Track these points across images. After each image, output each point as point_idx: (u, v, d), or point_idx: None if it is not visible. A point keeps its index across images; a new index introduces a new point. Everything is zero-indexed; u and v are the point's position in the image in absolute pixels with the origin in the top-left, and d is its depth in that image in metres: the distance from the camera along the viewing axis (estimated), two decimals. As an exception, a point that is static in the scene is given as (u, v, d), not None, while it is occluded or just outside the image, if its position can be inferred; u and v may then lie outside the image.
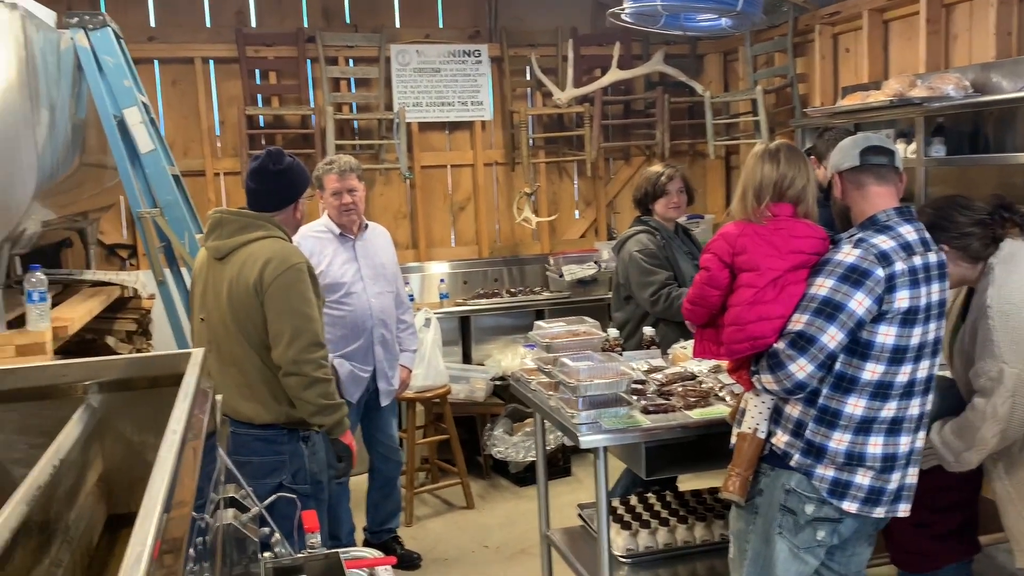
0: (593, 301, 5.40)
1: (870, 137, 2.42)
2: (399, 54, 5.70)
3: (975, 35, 4.12)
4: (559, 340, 3.00)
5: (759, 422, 2.40)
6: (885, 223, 2.30)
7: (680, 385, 2.93)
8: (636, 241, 3.66)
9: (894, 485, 2.32)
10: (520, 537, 4.24)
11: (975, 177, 4.07)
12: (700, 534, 3.13)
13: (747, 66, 5.70)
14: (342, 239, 3.68)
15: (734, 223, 2.44)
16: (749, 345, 2.31)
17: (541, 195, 6.06)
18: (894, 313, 2.21)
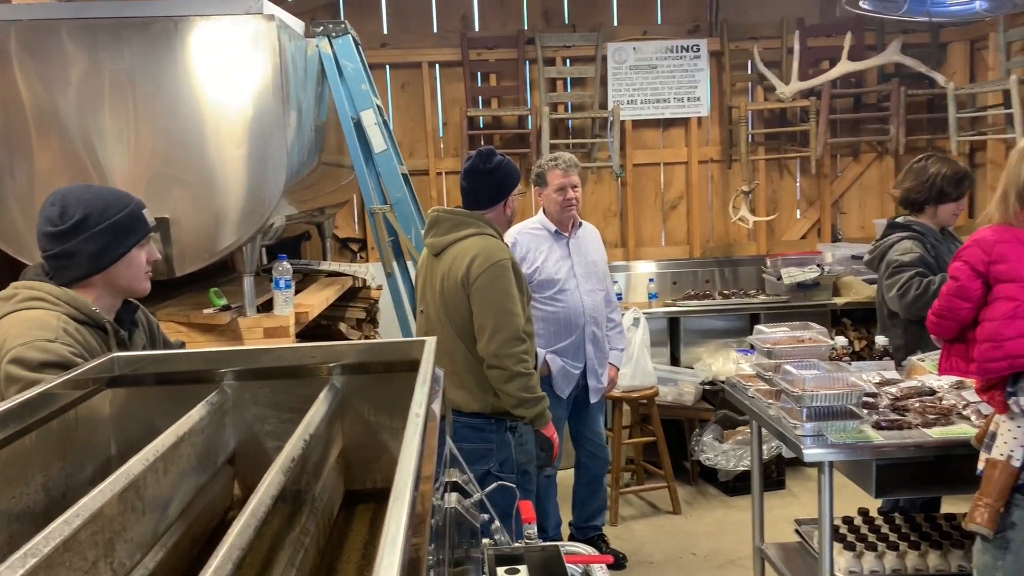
0: (814, 307, 5.11)
1: None
2: (615, 52, 5.69)
3: None
4: (782, 346, 2.85)
5: (1013, 448, 2.16)
6: None
7: (917, 401, 2.70)
8: (896, 249, 3.25)
9: None
10: (729, 548, 4.10)
11: None
12: (934, 563, 2.87)
13: (999, 54, 5.16)
14: (556, 236, 3.72)
15: (991, 228, 2.21)
16: (1008, 364, 2.09)
17: (759, 193, 5.83)
18: None
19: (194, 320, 3.17)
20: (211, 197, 3.10)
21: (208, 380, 1.65)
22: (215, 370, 1.64)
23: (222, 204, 3.11)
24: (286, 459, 1.22)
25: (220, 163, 3.09)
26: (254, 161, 3.09)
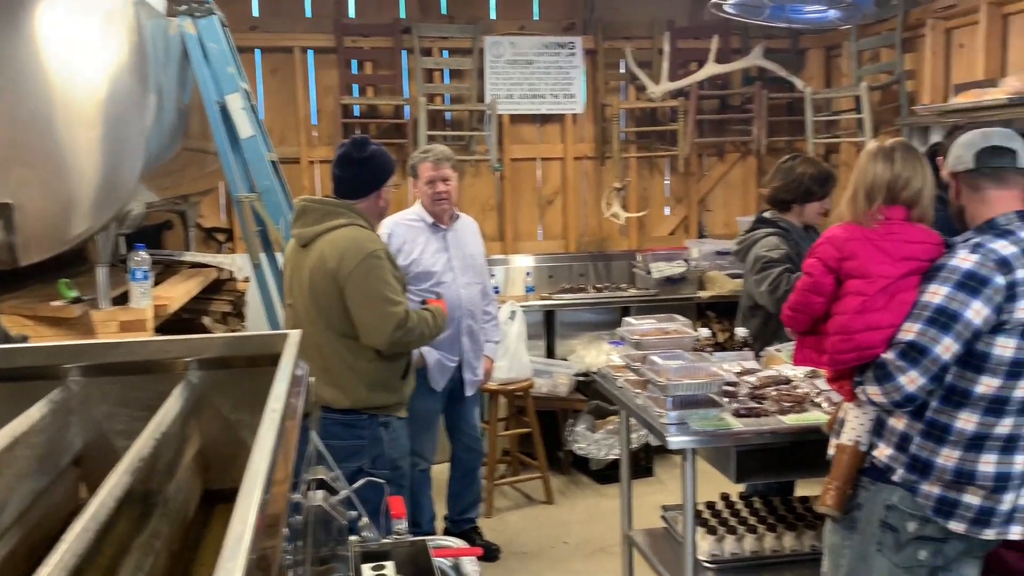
0: (681, 300, 5.30)
1: (989, 136, 2.24)
2: (493, 46, 5.70)
3: (1107, 30, 3.86)
4: (649, 338, 2.93)
5: (860, 434, 2.29)
6: (1005, 227, 2.16)
7: (774, 389, 2.83)
8: (763, 244, 3.37)
9: (1007, 506, 2.18)
10: (600, 535, 4.19)
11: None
12: (789, 543, 3.02)
13: (851, 61, 5.49)
14: (433, 228, 3.70)
15: (842, 226, 2.32)
16: (856, 356, 2.20)
17: (631, 190, 5.98)
18: (1015, 324, 2.07)
19: (41, 313, 2.96)
20: (60, 182, 2.90)
21: (51, 376, 1.53)
22: (59, 365, 1.53)
23: (73, 189, 2.91)
24: (133, 459, 1.15)
25: (70, 146, 2.89)
26: (109, 144, 2.91)
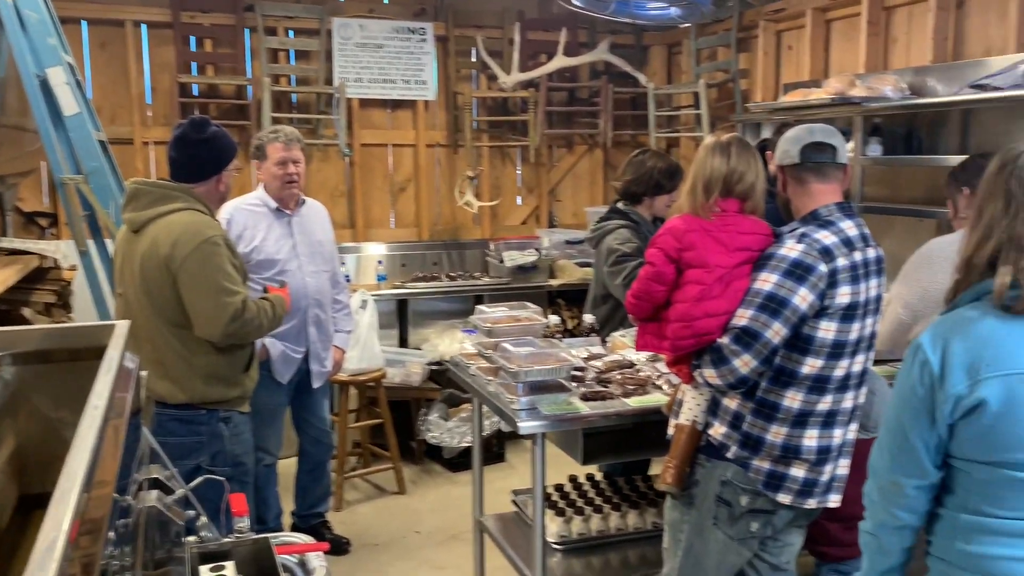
0: (533, 288, 5.38)
1: (814, 132, 2.38)
2: (341, 27, 5.56)
3: (913, 38, 4.21)
4: (500, 325, 2.95)
5: (697, 414, 2.40)
6: (827, 218, 2.31)
7: (619, 373, 2.92)
8: (616, 236, 3.47)
9: (827, 477, 2.35)
10: (452, 523, 4.20)
11: (908, 177, 4.17)
12: (633, 522, 3.15)
13: (691, 59, 5.74)
14: (278, 214, 3.56)
15: (681, 217, 2.41)
16: (695, 342, 2.30)
17: (483, 179, 6.01)
18: (835, 309, 2.23)
19: None
20: None
21: None
22: None
23: None
24: (-68, 465, 1.04)
25: None
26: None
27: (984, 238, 1.56)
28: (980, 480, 1.55)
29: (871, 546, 1.72)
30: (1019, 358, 1.49)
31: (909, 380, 1.59)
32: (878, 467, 1.68)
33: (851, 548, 2.66)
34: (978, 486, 1.55)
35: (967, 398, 1.51)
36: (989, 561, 1.54)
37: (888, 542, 1.67)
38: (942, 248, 2.53)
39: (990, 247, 1.55)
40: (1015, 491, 1.52)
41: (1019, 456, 1.50)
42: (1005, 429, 1.49)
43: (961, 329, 1.54)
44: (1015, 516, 1.52)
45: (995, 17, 3.75)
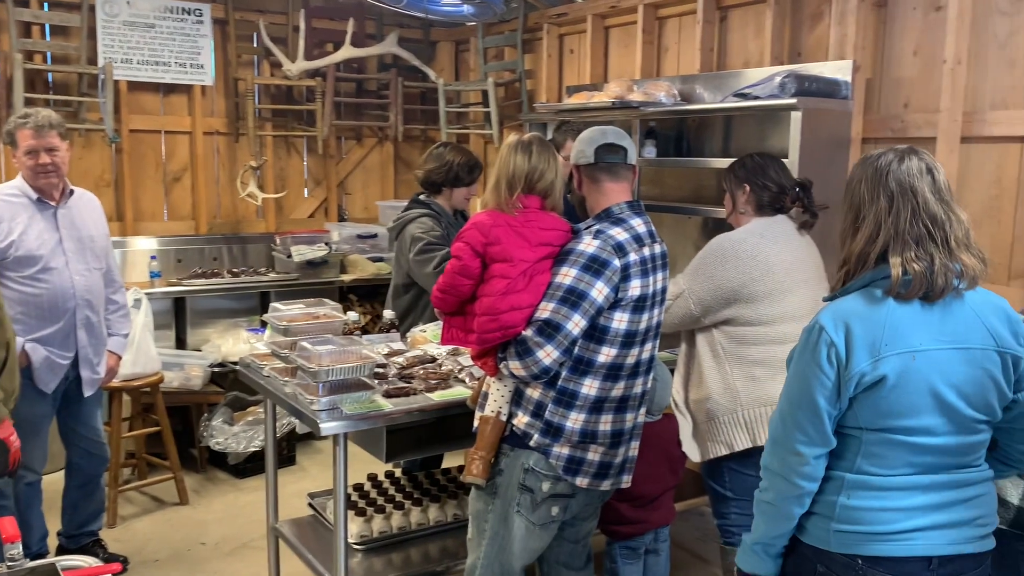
0: (323, 284, 5.25)
1: (607, 133, 2.51)
2: (106, 3, 5.10)
3: (683, 48, 4.54)
4: (297, 323, 2.85)
5: (502, 405, 2.45)
6: (619, 216, 2.44)
7: (421, 368, 2.92)
8: (420, 224, 3.46)
9: (620, 459, 2.49)
10: (242, 531, 4.01)
11: (676, 177, 4.49)
12: (434, 516, 3.16)
13: (478, 57, 5.83)
14: (41, 205, 3.21)
15: (487, 212, 2.45)
16: (501, 334, 2.34)
17: (268, 170, 5.76)
18: (628, 300, 2.36)
19: None
20: None
21: None
22: None
23: None
24: None
25: None
26: None
27: (873, 234, 1.74)
28: (868, 444, 1.73)
29: (769, 514, 1.83)
30: (909, 337, 1.68)
31: (816, 359, 1.72)
32: (782, 440, 1.79)
33: (640, 525, 2.85)
34: (865, 450, 1.73)
35: (870, 375, 1.68)
36: (867, 512, 1.72)
37: (788, 510, 1.79)
38: (735, 247, 2.73)
39: (880, 242, 1.73)
40: (895, 452, 1.71)
41: (904, 423, 1.69)
42: (896, 399, 1.68)
43: (859, 314, 1.71)
44: (892, 473, 1.72)
45: (752, 32, 4.13)
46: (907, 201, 1.71)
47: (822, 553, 1.76)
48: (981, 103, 3.21)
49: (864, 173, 1.77)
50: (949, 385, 1.69)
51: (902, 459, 1.71)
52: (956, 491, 1.74)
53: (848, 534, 1.73)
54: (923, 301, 1.70)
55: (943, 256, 1.69)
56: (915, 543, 1.70)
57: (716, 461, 2.79)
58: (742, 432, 2.69)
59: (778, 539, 1.83)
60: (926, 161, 1.75)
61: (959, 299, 1.72)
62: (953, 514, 1.73)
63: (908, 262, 1.68)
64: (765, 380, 2.67)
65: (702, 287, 2.72)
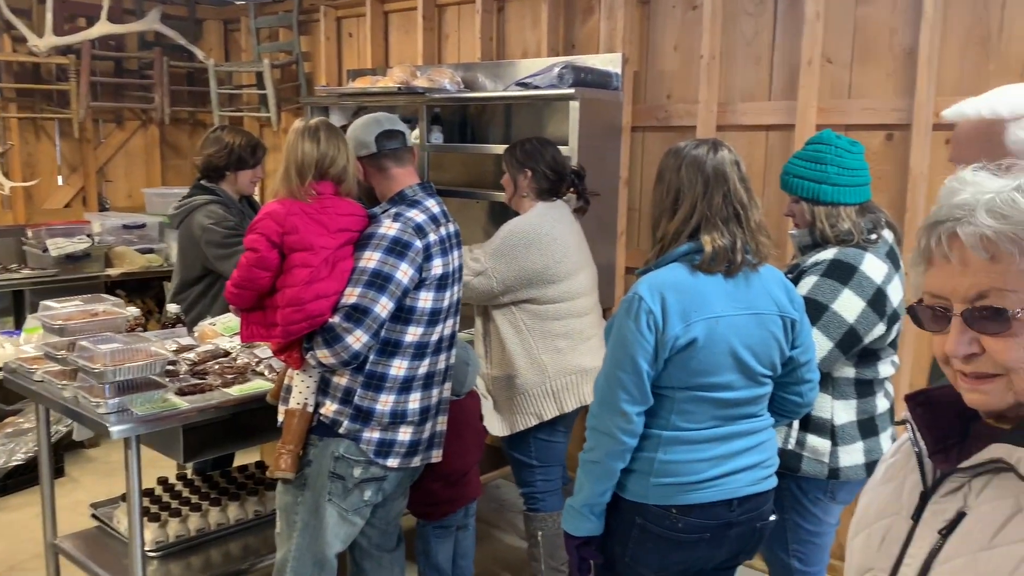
0: (87, 279, 4.82)
1: (381, 121, 2.53)
2: None
3: (463, 36, 4.64)
4: (75, 322, 2.63)
5: (307, 396, 2.42)
6: (414, 198, 2.48)
7: (215, 363, 2.80)
8: (208, 213, 3.29)
9: (428, 434, 2.55)
10: (8, 554, 3.63)
11: (461, 163, 4.60)
12: (234, 514, 3.06)
13: (251, 37, 5.60)
14: None
15: (280, 201, 2.39)
16: (308, 324, 2.30)
17: (13, 156, 5.19)
18: (431, 280, 2.42)
19: None
20: None
21: None
22: None
23: None
24: None
25: None
26: None
27: (689, 214, 1.93)
28: (679, 402, 1.90)
29: (595, 472, 1.94)
30: (714, 305, 1.88)
31: (638, 327, 1.86)
32: (609, 401, 1.91)
33: (452, 503, 2.93)
34: (677, 407, 1.91)
35: (682, 338, 1.86)
36: (680, 465, 1.91)
37: (613, 466, 1.92)
38: (536, 232, 2.87)
39: (694, 221, 1.93)
40: (702, 407, 1.91)
41: (710, 380, 1.89)
42: (703, 359, 1.87)
43: (672, 284, 1.89)
44: (700, 427, 1.92)
45: (529, 23, 4.31)
46: (720, 186, 1.93)
47: (640, 507, 1.93)
48: (733, 95, 3.58)
49: (682, 160, 1.98)
50: (744, 345, 1.91)
51: (708, 413, 1.92)
52: (748, 438, 1.98)
53: (665, 486, 1.91)
54: (725, 274, 1.92)
55: (744, 236, 1.94)
56: (720, 488, 1.92)
57: (523, 432, 2.93)
58: (550, 402, 2.84)
59: (602, 497, 1.95)
60: (734, 154, 1.99)
61: (754, 272, 1.97)
62: (747, 459, 1.97)
63: (715, 240, 1.91)
64: (568, 351, 2.85)
65: (507, 268, 2.84)
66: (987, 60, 2.92)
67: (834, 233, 2.21)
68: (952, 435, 1.06)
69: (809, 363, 2.07)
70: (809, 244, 2.28)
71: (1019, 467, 0.93)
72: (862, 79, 3.21)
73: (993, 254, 0.93)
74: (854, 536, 1.16)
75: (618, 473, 1.94)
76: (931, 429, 1.06)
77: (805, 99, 3.28)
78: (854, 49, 3.23)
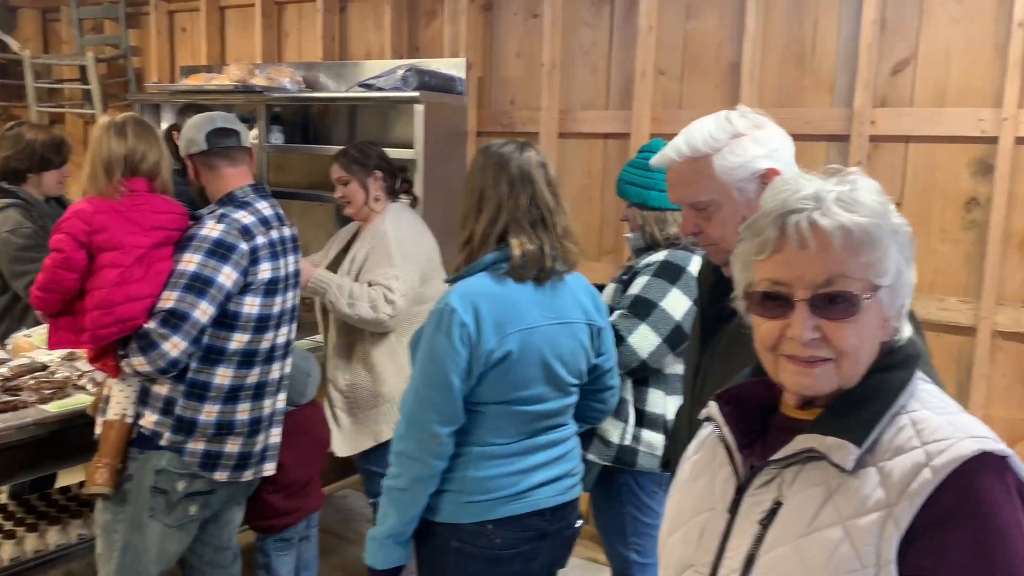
0: None
1: (215, 119, 2.45)
2: None
3: (304, 35, 4.53)
4: None
5: (126, 407, 2.29)
6: (243, 199, 2.40)
7: (31, 378, 2.60)
8: (6, 219, 3.02)
9: (260, 447, 2.46)
10: None
11: (304, 164, 4.48)
12: (55, 539, 2.84)
13: (72, 29, 5.24)
14: None
15: (87, 199, 2.26)
16: (118, 328, 2.18)
17: None
18: (258, 284, 2.34)
19: None
20: None
21: None
22: None
23: None
24: None
25: None
26: None
27: (495, 216, 1.86)
28: (492, 417, 1.85)
29: (402, 500, 1.85)
30: (527, 316, 1.83)
31: (450, 340, 1.77)
32: (419, 423, 1.81)
33: (292, 515, 2.84)
34: (490, 422, 1.85)
35: (497, 352, 1.79)
36: (492, 480, 1.85)
37: (422, 492, 1.84)
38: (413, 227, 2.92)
39: (501, 223, 1.86)
40: (514, 421, 1.86)
41: (523, 393, 1.84)
42: (518, 373, 1.82)
43: (485, 294, 1.81)
44: (511, 440, 1.87)
45: (372, 24, 4.26)
46: (526, 187, 1.87)
47: (455, 528, 1.86)
48: (573, 103, 3.67)
49: (487, 160, 1.91)
50: (555, 356, 1.88)
51: (518, 426, 1.88)
52: (556, 448, 1.95)
53: (479, 503, 1.85)
54: (535, 282, 1.87)
55: (551, 241, 1.88)
56: (533, 499, 1.89)
57: (383, 443, 2.85)
58: None
59: (409, 525, 1.86)
60: (541, 156, 1.94)
61: (561, 281, 1.93)
62: (556, 469, 1.95)
63: (524, 244, 1.85)
64: None
65: (411, 275, 2.81)
66: (803, 75, 3.15)
67: (662, 236, 2.31)
68: (756, 429, 1.11)
69: (612, 370, 2.08)
70: (642, 247, 2.37)
71: (830, 455, 0.98)
72: (692, 90, 3.38)
73: (847, 243, 0.98)
74: (670, 535, 1.17)
75: (425, 499, 1.85)
76: (738, 424, 1.11)
77: (640, 109, 3.42)
78: (684, 62, 3.39)
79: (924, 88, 2.93)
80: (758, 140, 1.46)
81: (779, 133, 1.50)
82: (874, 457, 0.98)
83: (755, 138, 1.46)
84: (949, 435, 0.96)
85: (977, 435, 0.96)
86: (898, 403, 1.00)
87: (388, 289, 2.75)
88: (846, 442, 0.98)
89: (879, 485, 0.95)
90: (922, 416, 0.99)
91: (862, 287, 0.99)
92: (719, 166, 1.45)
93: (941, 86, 2.91)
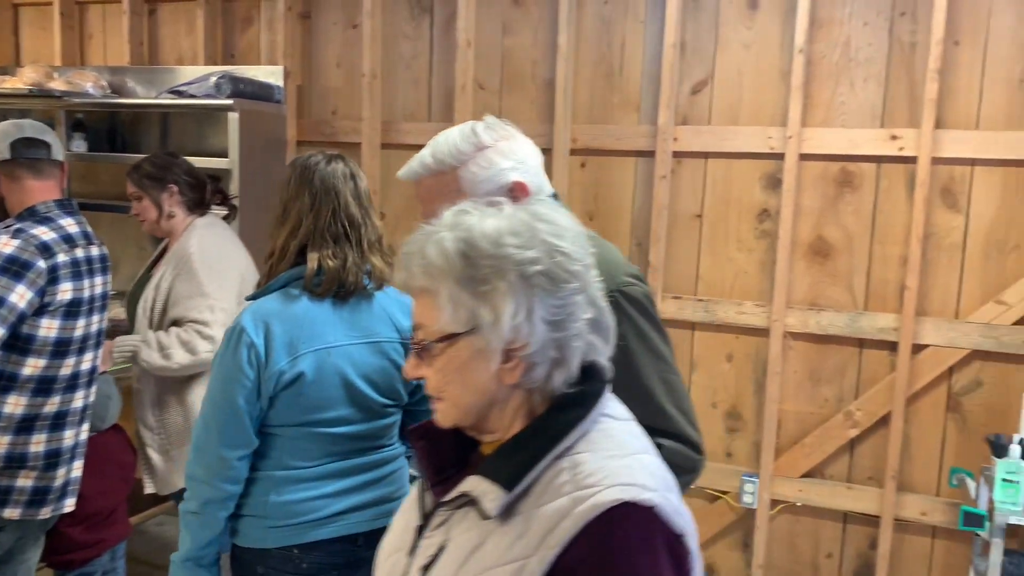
0: None
1: (24, 128, 2.30)
2: None
3: (109, 38, 4.27)
4: None
5: None
6: (45, 214, 2.25)
7: None
8: None
9: (60, 481, 2.29)
10: None
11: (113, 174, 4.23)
12: None
13: None
14: None
15: None
16: None
17: None
18: (57, 305, 2.18)
19: None
20: None
21: None
22: None
23: None
24: None
25: None
26: None
27: (295, 229, 1.78)
28: (291, 440, 1.76)
29: (194, 524, 1.75)
30: (325, 334, 1.75)
31: (236, 361, 1.68)
32: (205, 446, 1.72)
33: (94, 548, 2.66)
34: (289, 445, 1.76)
35: (288, 373, 1.70)
36: (297, 505, 1.76)
37: (214, 516, 1.74)
38: (220, 245, 2.76)
39: (300, 236, 1.78)
40: (316, 444, 1.77)
41: (322, 415, 1.75)
42: (315, 394, 1.73)
43: (278, 313, 1.72)
44: (315, 464, 1.78)
45: (184, 29, 4.08)
46: (329, 201, 1.80)
47: (260, 553, 1.78)
48: (395, 114, 3.67)
49: (293, 172, 1.85)
50: (360, 376, 1.79)
51: (323, 449, 1.79)
52: (372, 472, 1.86)
53: (283, 528, 1.77)
54: (335, 299, 1.79)
55: (356, 256, 1.80)
56: (342, 524, 1.80)
57: None
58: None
59: (206, 549, 1.79)
60: (351, 167, 1.87)
61: (368, 298, 1.85)
62: (372, 493, 1.85)
63: (324, 258, 1.77)
64: None
65: (230, 292, 2.66)
66: (612, 93, 3.29)
67: None
68: (451, 466, 1.06)
69: None
70: None
71: (482, 501, 0.94)
72: (511, 105, 3.46)
73: (413, 294, 1.01)
74: (380, 565, 1.12)
75: (223, 521, 1.78)
76: (432, 461, 1.06)
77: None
78: (503, 77, 3.47)
79: (720, 107, 3.15)
80: (504, 152, 1.48)
81: (526, 144, 1.52)
82: (527, 503, 0.93)
83: (500, 150, 1.48)
84: (597, 482, 0.91)
85: (625, 483, 0.91)
86: (562, 444, 0.95)
87: (203, 324, 2.59)
88: (496, 487, 0.93)
89: (524, 534, 0.91)
90: (582, 459, 0.94)
91: (427, 333, 0.99)
92: (465, 179, 1.46)
93: (735, 106, 3.13)
